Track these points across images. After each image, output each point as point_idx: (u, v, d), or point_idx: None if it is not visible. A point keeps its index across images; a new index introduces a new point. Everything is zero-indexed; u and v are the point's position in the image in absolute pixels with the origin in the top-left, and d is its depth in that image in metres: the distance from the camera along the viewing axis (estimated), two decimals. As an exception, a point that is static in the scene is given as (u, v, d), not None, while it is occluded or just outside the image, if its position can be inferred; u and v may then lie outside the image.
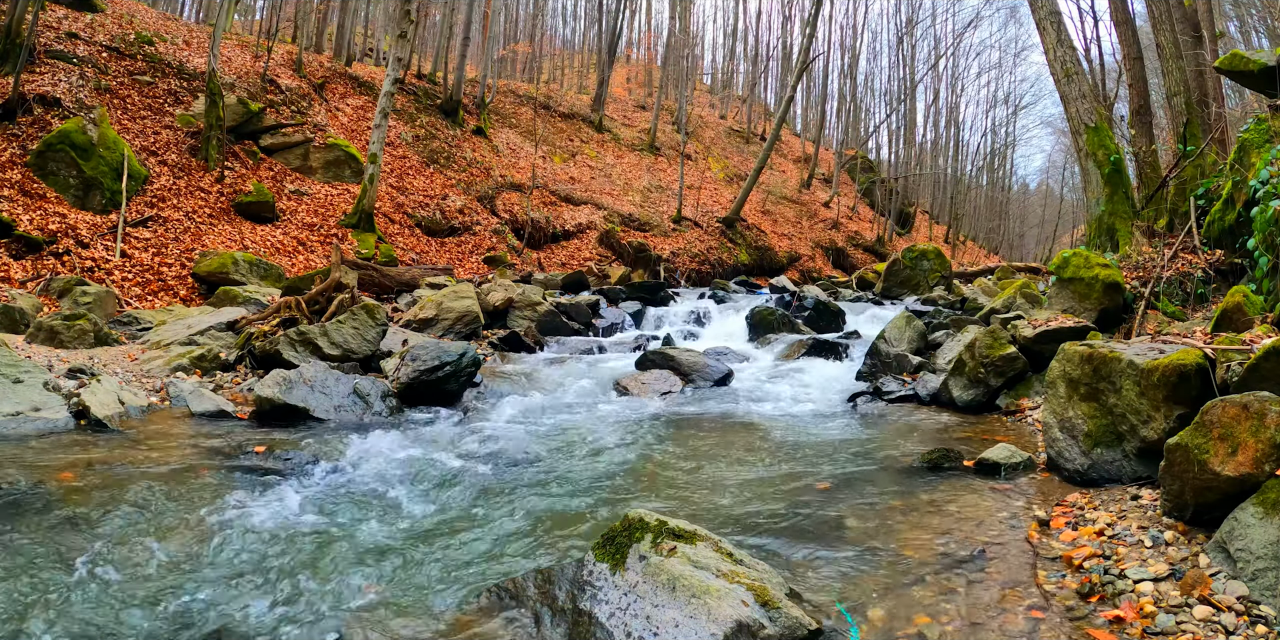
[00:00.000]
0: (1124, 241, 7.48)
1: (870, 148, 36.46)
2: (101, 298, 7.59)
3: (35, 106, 10.18)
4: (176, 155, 11.50)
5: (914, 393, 5.51)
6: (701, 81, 40.82)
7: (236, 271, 9.33)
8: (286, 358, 5.71)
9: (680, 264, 18.46)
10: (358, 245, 12.16)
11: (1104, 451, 3.29)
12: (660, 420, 4.96)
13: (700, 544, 2.24)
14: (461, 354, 5.35)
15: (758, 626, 1.95)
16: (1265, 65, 5.62)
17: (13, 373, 4.40)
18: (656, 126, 26.92)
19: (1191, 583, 2.21)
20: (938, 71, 36.15)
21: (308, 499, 3.24)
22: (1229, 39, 15.84)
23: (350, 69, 19.01)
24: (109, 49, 12.72)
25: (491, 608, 2.25)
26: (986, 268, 16.43)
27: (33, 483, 3.13)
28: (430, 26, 27.32)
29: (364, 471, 3.66)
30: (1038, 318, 5.60)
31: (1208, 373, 3.03)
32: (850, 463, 3.88)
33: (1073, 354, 3.53)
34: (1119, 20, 10.48)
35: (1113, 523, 2.75)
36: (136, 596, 2.35)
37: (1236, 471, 2.35)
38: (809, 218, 26.07)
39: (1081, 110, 8.39)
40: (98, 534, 2.72)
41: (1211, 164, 7.20)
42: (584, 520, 3.08)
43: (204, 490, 3.23)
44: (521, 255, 15.87)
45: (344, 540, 2.82)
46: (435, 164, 17.31)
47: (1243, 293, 4.23)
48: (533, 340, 7.82)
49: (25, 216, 8.72)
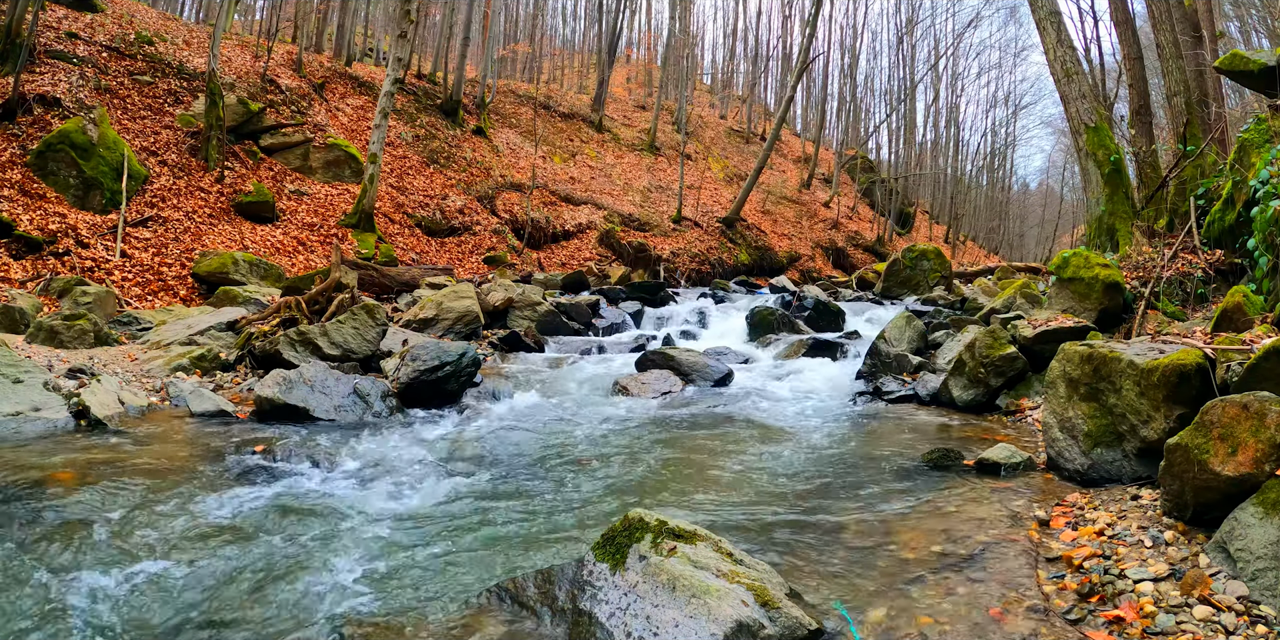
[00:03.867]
0: (1124, 241, 7.48)
1: (870, 148, 36.50)
2: (101, 298, 7.59)
3: (35, 106, 10.18)
4: (176, 155, 11.50)
5: (914, 392, 5.51)
6: (701, 81, 40.83)
7: (236, 271, 9.34)
8: (286, 358, 5.71)
9: (680, 264, 18.45)
10: (358, 245, 12.16)
11: (1104, 451, 3.29)
12: (660, 420, 4.96)
13: (700, 544, 2.23)
14: (461, 354, 5.35)
15: (758, 626, 1.95)
16: (1265, 65, 5.62)
17: (13, 373, 4.40)
18: (656, 126, 26.92)
19: (1191, 583, 2.21)
20: (938, 71, 36.18)
21: (307, 499, 3.25)
22: (1229, 39, 15.83)
23: (350, 69, 19.01)
24: (109, 49, 12.72)
25: (491, 608, 2.25)
26: (986, 268, 16.45)
27: (32, 483, 3.13)
28: (430, 26, 27.32)
29: (364, 471, 3.66)
30: (1038, 318, 5.60)
31: (1208, 373, 3.03)
32: (850, 462, 3.88)
33: (1073, 354, 3.53)
34: (1119, 20, 10.49)
35: (1113, 523, 2.75)
36: (135, 596, 2.35)
37: (1236, 471, 2.35)
38: (809, 218, 26.07)
39: (1081, 110, 8.39)
40: (97, 534, 2.72)
41: (1211, 164, 7.20)
42: (584, 520, 3.08)
43: (204, 490, 3.23)
44: (521, 255, 15.87)
45: (343, 540, 2.82)
46: (435, 164, 17.31)
47: (1243, 293, 4.23)
48: (533, 340, 7.82)
49: (25, 216, 8.72)
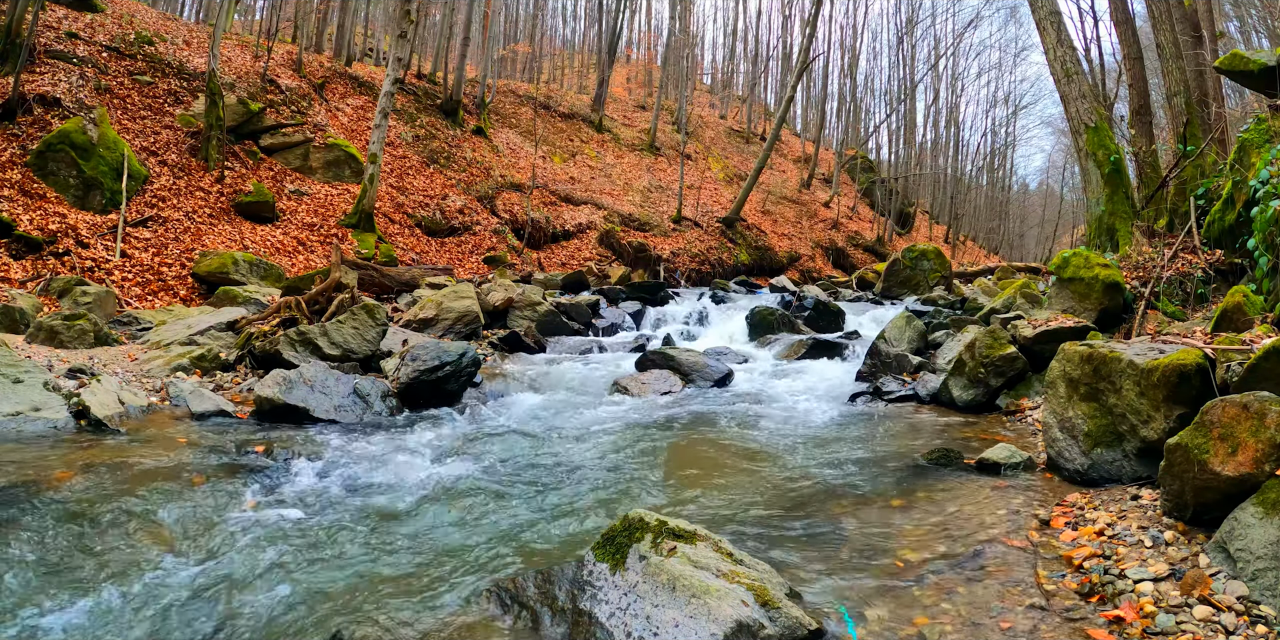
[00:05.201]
0: (1124, 241, 7.48)
1: (870, 148, 36.47)
2: (101, 298, 7.58)
3: (35, 106, 10.18)
4: (176, 155, 11.50)
5: (914, 393, 5.51)
6: (701, 81, 40.82)
7: (236, 271, 9.33)
8: (286, 358, 5.70)
9: (680, 264, 18.45)
10: (358, 245, 12.16)
11: (1104, 451, 3.29)
12: (660, 420, 4.96)
13: (700, 544, 2.23)
14: (461, 354, 5.35)
15: (758, 626, 1.95)
16: (1265, 65, 5.62)
17: (13, 373, 4.40)
18: (656, 126, 26.92)
19: (1191, 583, 2.21)
20: (938, 71, 36.18)
21: (307, 499, 3.25)
22: (1229, 39, 15.85)
23: (350, 69, 19.01)
24: (109, 49, 12.71)
25: (491, 608, 2.25)
26: (986, 268, 16.45)
27: (32, 482, 3.13)
28: (430, 26, 27.31)
29: (363, 471, 3.66)
30: (1038, 318, 5.60)
31: (1208, 373, 3.03)
32: (850, 462, 3.88)
33: (1073, 354, 3.53)
34: (1119, 20, 10.49)
35: (1113, 523, 2.75)
36: (135, 596, 2.35)
37: (1236, 471, 2.35)
38: (809, 218, 26.06)
39: (1081, 110, 8.39)
40: (96, 534, 2.72)
41: (1211, 164, 7.20)
42: (584, 520, 3.08)
43: (203, 490, 3.23)
44: (521, 255, 15.87)
45: (343, 540, 2.82)
46: (435, 164, 17.31)
47: (1243, 293, 4.23)
48: (533, 340, 7.82)
49: (25, 216, 8.72)
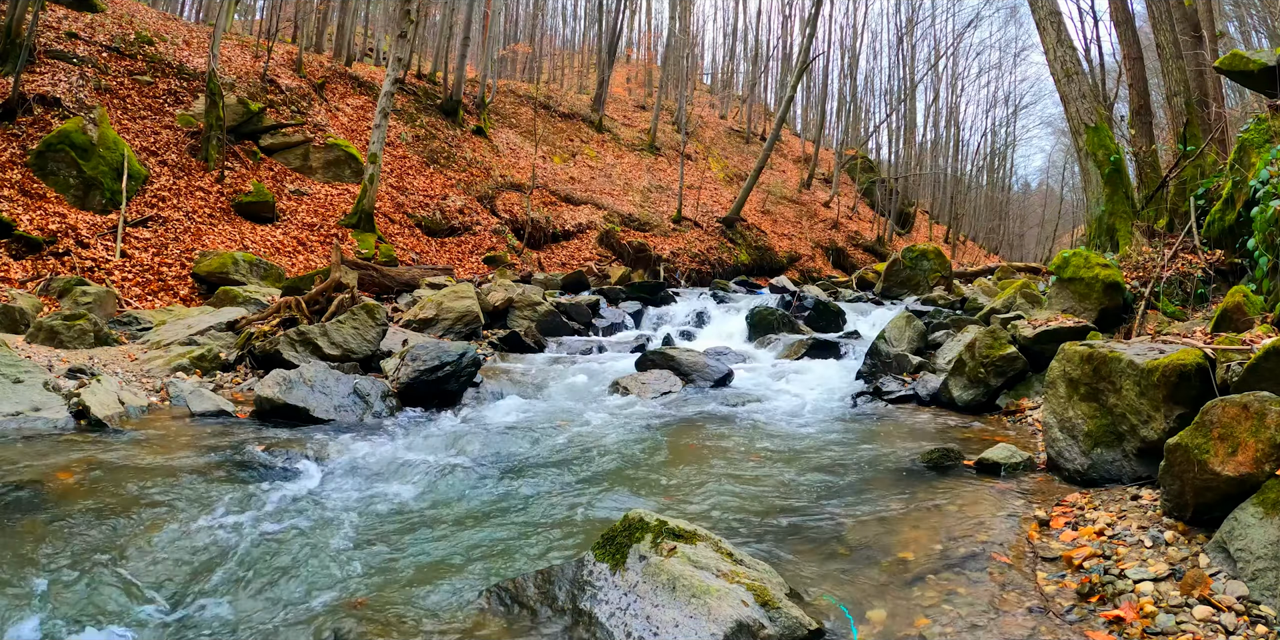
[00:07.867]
0: (1124, 241, 7.48)
1: (870, 148, 36.45)
2: (101, 298, 7.58)
3: (35, 106, 10.18)
4: (176, 155, 11.50)
5: (914, 393, 5.51)
6: (701, 81, 40.81)
7: (236, 271, 9.33)
8: (286, 358, 5.70)
9: (680, 264, 18.45)
10: (358, 245, 12.16)
11: (1104, 451, 3.29)
12: (660, 420, 4.96)
13: (700, 544, 2.23)
14: (461, 354, 5.35)
15: (758, 626, 1.95)
16: (1265, 65, 5.62)
17: (13, 373, 4.40)
18: (656, 126, 26.91)
19: (1191, 583, 2.21)
20: (938, 71, 36.13)
21: (307, 499, 3.25)
22: (1229, 39, 15.81)
23: (350, 69, 19.00)
24: (109, 49, 12.71)
25: (491, 608, 2.25)
26: (986, 268, 16.44)
27: (32, 482, 3.13)
28: (430, 26, 27.30)
29: (363, 471, 3.66)
30: (1038, 318, 5.60)
31: (1208, 373, 3.03)
32: (850, 462, 3.88)
33: (1073, 354, 3.53)
34: (1119, 20, 10.49)
35: (1113, 523, 2.75)
36: (134, 596, 2.35)
37: (1236, 471, 2.35)
38: (809, 218, 26.06)
39: (1081, 110, 8.39)
40: (96, 533, 2.71)
41: (1211, 164, 7.20)
42: (584, 520, 3.08)
43: (203, 490, 3.23)
44: (521, 255, 15.87)
45: (343, 540, 2.82)
46: (435, 164, 17.31)
47: (1243, 293, 4.23)
48: (533, 340, 7.82)
49: (25, 216, 8.72)
